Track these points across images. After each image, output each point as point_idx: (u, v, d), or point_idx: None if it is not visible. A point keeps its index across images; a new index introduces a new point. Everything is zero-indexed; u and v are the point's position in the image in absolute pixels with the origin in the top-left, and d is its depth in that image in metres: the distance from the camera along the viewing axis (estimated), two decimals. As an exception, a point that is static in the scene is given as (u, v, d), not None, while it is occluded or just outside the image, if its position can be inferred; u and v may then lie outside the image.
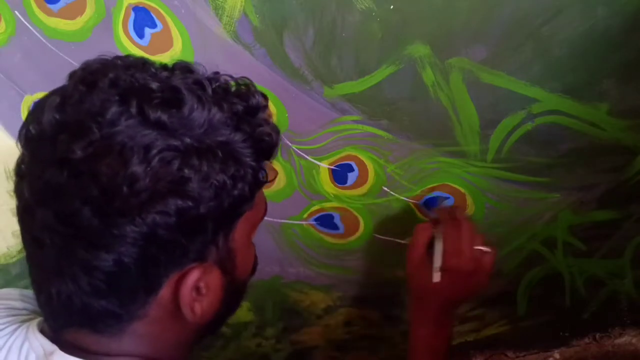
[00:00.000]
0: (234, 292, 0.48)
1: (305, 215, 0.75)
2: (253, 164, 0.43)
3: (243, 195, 0.42)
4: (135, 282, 0.41)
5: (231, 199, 0.41)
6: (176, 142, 0.39)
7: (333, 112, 0.65)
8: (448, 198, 0.69)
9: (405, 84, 0.60)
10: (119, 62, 0.42)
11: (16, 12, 0.64)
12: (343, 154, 0.68)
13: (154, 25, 0.62)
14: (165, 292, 0.42)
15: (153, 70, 0.42)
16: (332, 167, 0.70)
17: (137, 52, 0.64)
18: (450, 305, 0.64)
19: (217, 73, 0.44)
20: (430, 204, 0.70)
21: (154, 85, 0.40)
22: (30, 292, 0.52)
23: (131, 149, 0.37)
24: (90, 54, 0.66)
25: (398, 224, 0.73)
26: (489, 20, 0.55)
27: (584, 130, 0.60)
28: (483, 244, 0.63)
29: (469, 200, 0.69)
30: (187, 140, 0.39)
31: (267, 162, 0.45)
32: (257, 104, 0.44)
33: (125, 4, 0.61)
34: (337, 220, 0.74)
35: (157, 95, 0.39)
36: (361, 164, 0.69)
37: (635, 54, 0.55)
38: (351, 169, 0.69)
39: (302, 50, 0.60)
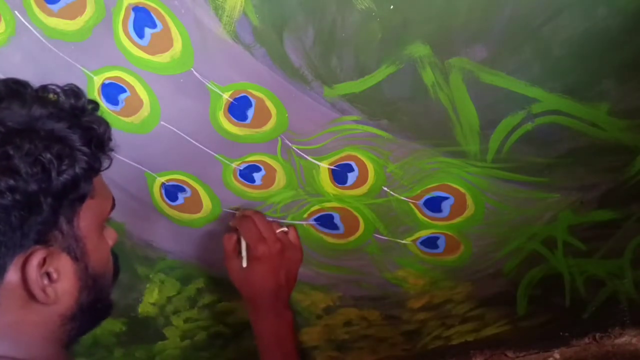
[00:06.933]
0: (93, 283, 0.51)
1: (305, 215, 0.75)
2: (84, 148, 0.48)
3: (75, 176, 0.46)
4: None
5: (62, 177, 0.45)
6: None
7: (333, 112, 0.65)
8: (448, 198, 0.69)
9: (405, 84, 0.60)
10: None
11: (16, 12, 0.64)
12: (343, 154, 0.68)
13: (153, 25, 0.62)
14: (11, 276, 0.45)
15: None
16: (332, 167, 0.70)
17: (137, 52, 0.64)
18: (280, 290, 0.69)
19: (47, 85, 0.51)
20: (430, 204, 0.70)
21: None
22: None
23: None
24: (90, 54, 0.66)
25: (398, 224, 0.73)
26: (489, 20, 0.55)
27: (584, 130, 0.60)
28: (280, 227, 0.70)
29: (469, 200, 0.69)
30: (10, 124, 0.44)
31: (102, 153, 0.51)
32: (83, 104, 0.50)
33: (125, 4, 0.61)
34: (337, 220, 0.74)
35: None
36: (361, 164, 0.69)
37: (635, 54, 0.55)
38: (351, 169, 0.69)
39: (302, 50, 0.60)
